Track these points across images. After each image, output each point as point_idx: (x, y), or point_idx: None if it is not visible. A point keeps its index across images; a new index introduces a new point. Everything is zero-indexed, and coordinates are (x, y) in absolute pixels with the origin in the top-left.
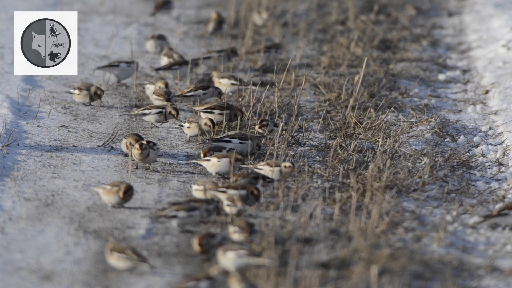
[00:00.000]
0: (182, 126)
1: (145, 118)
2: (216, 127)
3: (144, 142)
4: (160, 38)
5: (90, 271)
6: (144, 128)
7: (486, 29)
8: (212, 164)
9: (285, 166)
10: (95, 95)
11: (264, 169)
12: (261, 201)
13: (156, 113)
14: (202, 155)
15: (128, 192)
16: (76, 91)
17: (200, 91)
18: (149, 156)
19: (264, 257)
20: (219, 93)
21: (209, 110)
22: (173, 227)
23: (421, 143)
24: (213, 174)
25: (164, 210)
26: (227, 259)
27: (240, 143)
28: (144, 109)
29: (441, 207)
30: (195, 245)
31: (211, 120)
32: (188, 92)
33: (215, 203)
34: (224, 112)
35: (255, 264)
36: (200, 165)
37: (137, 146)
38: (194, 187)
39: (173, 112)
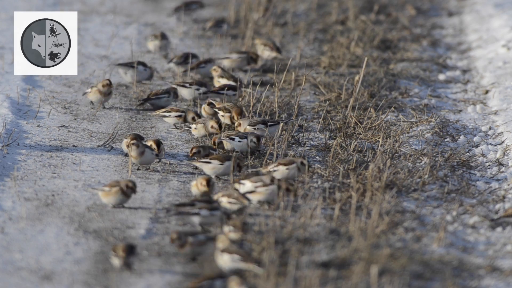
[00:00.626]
0: (189, 127)
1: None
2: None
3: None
4: (164, 38)
5: (90, 271)
6: (144, 128)
7: (486, 29)
8: (213, 167)
9: (301, 163)
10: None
11: (279, 169)
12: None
13: (176, 116)
14: (190, 152)
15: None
16: (89, 89)
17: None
18: (144, 155)
19: (258, 263)
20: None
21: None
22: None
23: (421, 143)
24: (212, 176)
25: (183, 207)
26: (223, 260)
27: (239, 141)
28: (165, 111)
29: (441, 207)
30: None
31: (218, 122)
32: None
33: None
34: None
35: (247, 269)
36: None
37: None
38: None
39: (194, 116)
